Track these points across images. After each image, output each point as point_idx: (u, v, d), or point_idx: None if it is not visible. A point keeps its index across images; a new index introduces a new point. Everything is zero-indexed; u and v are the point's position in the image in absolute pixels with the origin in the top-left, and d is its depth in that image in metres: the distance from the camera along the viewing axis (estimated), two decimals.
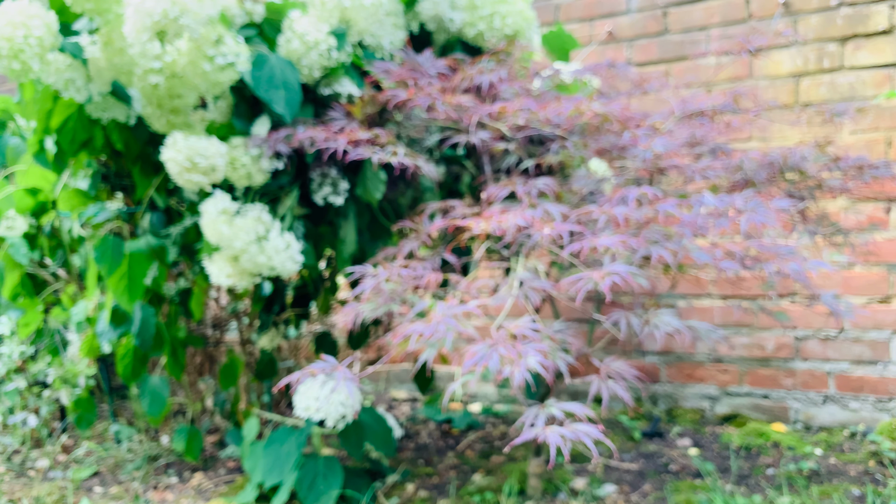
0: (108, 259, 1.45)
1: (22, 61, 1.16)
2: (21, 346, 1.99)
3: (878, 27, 1.82)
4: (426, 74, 1.35)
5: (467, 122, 1.28)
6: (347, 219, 1.46)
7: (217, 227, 1.28)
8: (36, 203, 1.78)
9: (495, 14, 1.47)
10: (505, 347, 0.90)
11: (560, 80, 1.58)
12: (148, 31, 1.15)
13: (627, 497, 1.49)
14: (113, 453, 1.88)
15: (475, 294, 1.04)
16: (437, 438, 1.97)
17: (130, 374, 1.64)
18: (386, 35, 1.42)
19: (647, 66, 2.13)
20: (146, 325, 1.57)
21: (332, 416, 1.35)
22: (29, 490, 1.66)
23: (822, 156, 1.44)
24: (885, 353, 1.82)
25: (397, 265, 1.15)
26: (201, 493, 1.62)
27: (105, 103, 1.37)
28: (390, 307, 1.12)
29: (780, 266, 1.08)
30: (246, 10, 1.36)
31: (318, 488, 1.42)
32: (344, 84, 1.39)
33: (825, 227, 1.51)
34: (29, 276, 1.87)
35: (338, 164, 1.42)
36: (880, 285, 1.82)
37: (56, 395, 1.95)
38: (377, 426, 1.55)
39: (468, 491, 1.53)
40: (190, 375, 1.99)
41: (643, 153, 1.23)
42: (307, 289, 1.85)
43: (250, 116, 1.37)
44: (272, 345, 1.71)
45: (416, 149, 1.41)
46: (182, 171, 1.27)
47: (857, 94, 1.85)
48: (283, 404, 1.99)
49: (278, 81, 1.28)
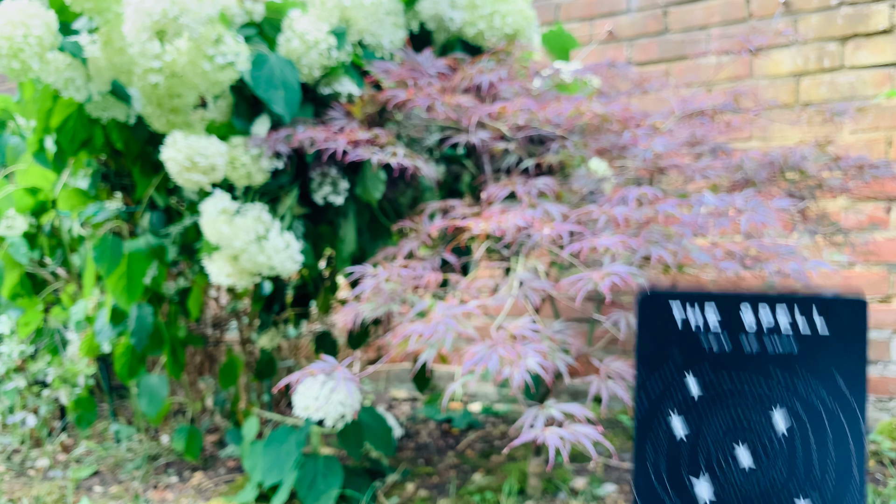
0: (107, 258, 1.45)
1: (21, 60, 1.16)
2: (21, 346, 1.99)
3: (879, 27, 1.82)
4: (426, 74, 1.35)
5: (467, 122, 1.28)
6: (347, 218, 1.46)
7: (217, 226, 1.28)
8: (36, 202, 1.77)
9: (495, 13, 1.47)
10: (504, 348, 0.90)
11: (560, 80, 1.58)
12: (147, 31, 1.15)
13: (628, 496, 1.49)
14: (113, 453, 1.88)
15: (475, 294, 1.04)
16: (437, 438, 1.97)
17: (127, 372, 1.64)
18: (386, 34, 1.42)
19: (647, 66, 2.13)
20: (142, 324, 1.57)
21: (331, 416, 1.35)
22: (29, 489, 1.66)
23: (823, 155, 1.44)
24: (886, 353, 1.81)
25: (397, 265, 1.14)
26: (201, 492, 1.62)
27: (105, 102, 1.37)
28: (390, 307, 1.12)
29: (781, 266, 1.08)
30: (246, 9, 1.36)
31: (318, 487, 1.42)
32: (344, 83, 1.39)
33: (825, 227, 1.51)
34: (28, 276, 1.87)
35: (338, 164, 1.42)
36: (880, 285, 1.82)
37: (55, 395, 1.95)
38: (377, 426, 1.55)
39: (468, 490, 1.53)
40: (190, 375, 1.99)
41: (643, 153, 1.22)
42: (307, 288, 1.85)
43: (250, 116, 1.36)
44: (272, 344, 1.71)
45: (416, 148, 1.41)
46: (182, 170, 1.27)
47: (858, 94, 1.85)
48: (282, 404, 1.99)
49: (278, 81, 1.28)
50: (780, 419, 0.32)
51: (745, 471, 0.32)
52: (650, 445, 0.32)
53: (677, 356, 0.32)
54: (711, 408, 0.32)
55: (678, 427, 0.32)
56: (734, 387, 0.32)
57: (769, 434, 0.32)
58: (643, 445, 0.32)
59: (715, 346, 0.32)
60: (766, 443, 0.32)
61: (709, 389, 0.32)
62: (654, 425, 0.33)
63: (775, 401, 0.32)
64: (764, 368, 0.32)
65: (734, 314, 0.32)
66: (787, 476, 0.32)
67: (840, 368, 0.31)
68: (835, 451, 0.31)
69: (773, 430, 0.32)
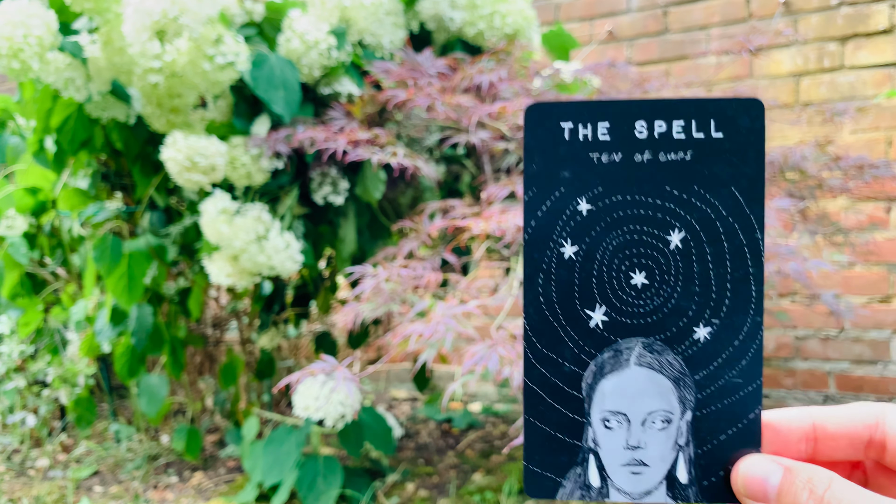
0: (107, 258, 1.45)
1: (21, 60, 1.16)
2: (21, 346, 1.98)
3: (879, 26, 1.82)
4: (426, 74, 1.35)
5: (467, 122, 1.28)
6: (347, 218, 1.46)
7: (217, 226, 1.28)
8: (36, 202, 1.77)
9: (495, 13, 1.47)
10: (505, 348, 0.90)
11: (560, 80, 1.58)
12: (147, 31, 1.15)
13: None
14: (113, 452, 1.88)
15: (475, 294, 1.04)
16: (437, 438, 1.97)
17: (127, 372, 1.64)
18: (386, 34, 1.42)
19: (647, 66, 2.13)
20: (142, 324, 1.57)
21: (331, 416, 1.35)
22: (29, 489, 1.66)
23: (823, 155, 1.44)
24: (886, 353, 1.81)
25: (397, 265, 1.14)
26: (201, 492, 1.62)
27: (105, 102, 1.37)
28: (390, 307, 1.12)
29: (781, 265, 1.08)
30: (246, 9, 1.36)
31: (318, 488, 1.42)
32: (344, 83, 1.39)
33: (825, 227, 1.51)
34: (28, 276, 1.87)
35: (338, 164, 1.42)
36: (880, 285, 1.82)
37: (55, 395, 1.95)
38: (377, 425, 1.55)
39: (468, 490, 1.53)
40: (190, 375, 1.99)
41: None
42: (307, 288, 1.85)
43: (250, 116, 1.36)
44: (272, 344, 1.71)
45: (416, 148, 1.41)
46: (182, 170, 1.27)
47: (858, 94, 1.85)
48: (282, 404, 1.99)
49: (278, 81, 1.28)
50: (675, 236, 0.31)
51: (637, 287, 0.31)
52: (541, 274, 0.32)
53: (567, 173, 0.31)
54: (602, 227, 0.32)
55: (568, 250, 0.32)
56: (626, 202, 0.31)
57: (664, 251, 0.31)
58: (535, 275, 0.31)
59: (605, 158, 0.31)
60: (660, 259, 0.31)
61: (599, 208, 0.31)
62: (543, 249, 0.32)
63: (669, 216, 0.31)
64: (657, 180, 0.31)
65: (627, 124, 0.31)
66: (682, 293, 0.31)
67: (736, 181, 0.31)
68: (732, 270, 0.31)
69: (667, 247, 0.31)
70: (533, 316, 0.32)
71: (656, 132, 0.31)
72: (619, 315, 0.32)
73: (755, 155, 0.31)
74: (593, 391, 0.32)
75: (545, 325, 0.32)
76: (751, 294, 0.31)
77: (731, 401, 0.32)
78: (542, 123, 0.32)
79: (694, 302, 0.31)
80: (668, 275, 0.31)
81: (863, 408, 0.32)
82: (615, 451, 0.32)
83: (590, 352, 0.32)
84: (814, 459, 0.32)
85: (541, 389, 0.33)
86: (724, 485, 0.32)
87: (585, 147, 0.31)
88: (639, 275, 0.31)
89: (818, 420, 0.32)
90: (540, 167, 0.31)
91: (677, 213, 0.31)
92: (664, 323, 0.32)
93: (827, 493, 0.28)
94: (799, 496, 0.28)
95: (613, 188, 0.31)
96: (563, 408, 0.33)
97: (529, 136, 0.32)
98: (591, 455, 0.32)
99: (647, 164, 0.31)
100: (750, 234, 0.31)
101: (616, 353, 0.32)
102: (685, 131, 0.31)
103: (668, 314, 0.32)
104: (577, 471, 0.33)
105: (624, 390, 0.32)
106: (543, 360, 0.33)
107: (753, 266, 0.31)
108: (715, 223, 0.31)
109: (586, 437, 0.33)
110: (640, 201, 0.31)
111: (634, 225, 0.31)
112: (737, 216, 0.31)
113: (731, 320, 0.31)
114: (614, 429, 0.32)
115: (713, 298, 0.31)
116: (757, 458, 0.31)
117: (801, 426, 0.32)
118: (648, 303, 0.32)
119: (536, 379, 0.33)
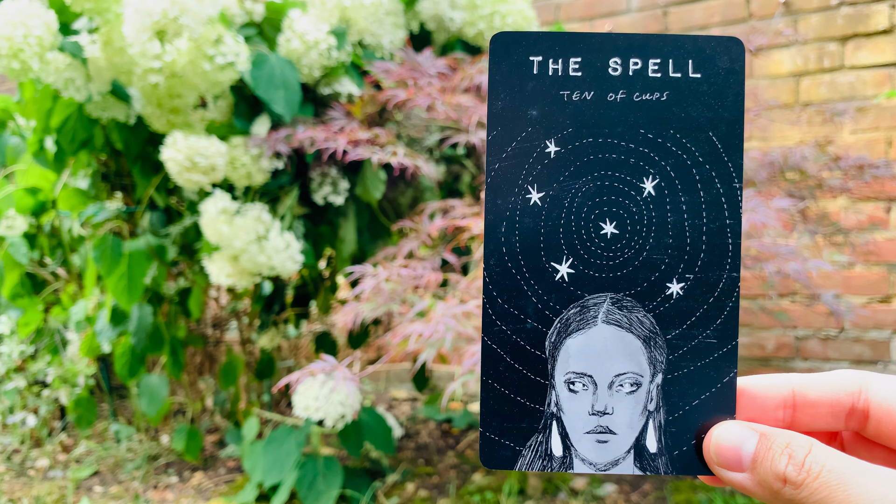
0: (107, 258, 1.45)
1: (21, 60, 1.16)
2: (21, 346, 1.98)
3: (879, 27, 1.82)
4: (426, 74, 1.35)
5: (467, 122, 1.28)
6: (347, 218, 1.46)
7: (217, 226, 1.28)
8: (36, 202, 1.77)
9: (495, 13, 1.47)
10: None
11: None
12: (147, 31, 1.15)
13: (627, 497, 1.49)
14: (113, 453, 1.88)
15: (475, 294, 1.04)
16: (437, 438, 1.97)
17: (127, 372, 1.64)
18: (386, 34, 1.42)
19: None
20: (142, 324, 1.57)
21: (331, 416, 1.35)
22: (29, 489, 1.66)
23: (823, 155, 1.44)
24: (886, 353, 1.81)
25: (397, 265, 1.14)
26: (201, 492, 1.62)
27: (105, 103, 1.37)
28: (390, 307, 1.12)
29: (781, 266, 1.08)
30: (246, 9, 1.36)
31: (318, 488, 1.42)
32: (344, 83, 1.39)
33: (825, 227, 1.51)
34: (29, 276, 1.87)
35: (338, 164, 1.42)
36: (880, 285, 1.82)
37: (55, 395, 1.95)
38: (377, 426, 1.55)
39: (468, 490, 1.53)
40: (190, 375, 1.99)
41: None
42: (307, 288, 1.85)
43: (250, 116, 1.37)
44: (272, 344, 1.71)
45: (416, 148, 1.41)
46: (182, 170, 1.27)
47: (858, 94, 1.85)
48: (282, 404, 1.99)
49: (278, 81, 1.28)
50: (649, 183, 0.29)
51: (607, 237, 0.29)
52: (504, 222, 0.30)
53: (534, 111, 0.30)
54: (571, 172, 0.30)
55: (534, 196, 0.30)
56: (597, 145, 0.30)
57: (636, 199, 0.29)
58: (497, 223, 0.30)
59: (576, 96, 0.29)
60: (632, 208, 0.29)
61: (569, 150, 0.29)
62: (507, 195, 0.30)
63: (643, 161, 0.29)
64: (630, 122, 0.29)
65: (601, 60, 0.30)
66: (654, 245, 0.29)
67: (714, 125, 0.29)
68: (708, 221, 0.29)
69: (640, 195, 0.29)
70: (494, 268, 0.30)
71: (631, 69, 0.29)
72: (587, 268, 0.29)
73: (734, 98, 0.29)
74: (557, 351, 0.30)
75: (507, 278, 0.30)
76: (727, 247, 0.29)
77: (704, 363, 0.30)
78: (509, 56, 0.29)
79: (667, 255, 0.29)
80: (639, 225, 0.29)
81: (845, 375, 0.30)
82: (580, 416, 0.30)
83: (555, 307, 0.30)
84: (791, 428, 0.30)
85: (500, 348, 0.30)
86: (695, 454, 0.30)
87: (555, 83, 0.29)
88: (609, 224, 0.29)
89: (798, 387, 0.30)
90: (505, 104, 0.29)
91: (651, 159, 0.29)
92: (635, 277, 0.29)
93: (808, 457, 0.26)
94: (777, 462, 0.26)
95: (584, 129, 0.29)
96: (525, 368, 0.30)
97: (495, 69, 0.29)
98: (553, 421, 0.30)
99: (621, 104, 0.29)
100: (727, 182, 0.29)
101: (583, 310, 0.30)
102: (661, 69, 0.29)
103: (640, 267, 0.29)
104: (538, 438, 0.30)
105: (590, 350, 0.30)
106: (504, 315, 0.30)
107: (731, 217, 0.29)
108: (691, 170, 0.29)
109: (549, 402, 0.30)
110: (612, 144, 0.29)
111: (605, 170, 0.29)
112: (714, 163, 0.29)
113: (705, 275, 0.29)
114: (579, 392, 0.30)
115: (687, 251, 0.29)
116: (731, 424, 0.29)
117: (779, 392, 0.30)
118: (618, 255, 0.29)
119: (496, 337, 0.30)
